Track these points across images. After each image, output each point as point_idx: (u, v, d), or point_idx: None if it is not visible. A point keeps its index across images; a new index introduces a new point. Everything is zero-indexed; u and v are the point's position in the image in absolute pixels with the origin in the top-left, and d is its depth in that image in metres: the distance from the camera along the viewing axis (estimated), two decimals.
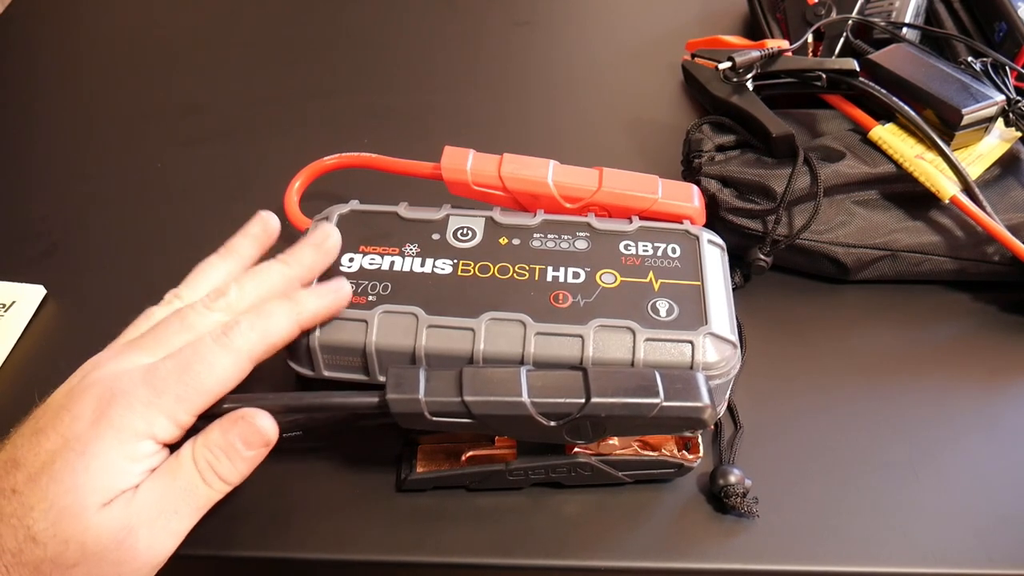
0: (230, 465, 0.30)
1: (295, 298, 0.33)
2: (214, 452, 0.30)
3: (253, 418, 0.30)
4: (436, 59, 0.64)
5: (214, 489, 0.30)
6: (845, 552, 0.35)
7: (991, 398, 0.41)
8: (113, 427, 0.28)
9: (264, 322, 0.32)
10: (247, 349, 0.31)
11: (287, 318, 0.32)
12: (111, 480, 0.28)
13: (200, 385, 0.30)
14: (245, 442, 0.30)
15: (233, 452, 0.30)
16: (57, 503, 0.27)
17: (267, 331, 0.31)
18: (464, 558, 0.35)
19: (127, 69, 0.64)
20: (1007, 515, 0.36)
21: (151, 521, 0.28)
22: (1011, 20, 0.51)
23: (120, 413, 0.28)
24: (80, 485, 0.27)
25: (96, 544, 0.27)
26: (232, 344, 0.30)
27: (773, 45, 0.49)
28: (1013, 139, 0.45)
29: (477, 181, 0.42)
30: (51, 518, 0.27)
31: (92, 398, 0.29)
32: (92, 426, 0.28)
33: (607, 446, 0.35)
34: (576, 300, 0.35)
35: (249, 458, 0.31)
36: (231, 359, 0.30)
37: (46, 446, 0.28)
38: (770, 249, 0.43)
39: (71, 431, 0.28)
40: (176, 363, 0.30)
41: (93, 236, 0.49)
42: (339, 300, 0.34)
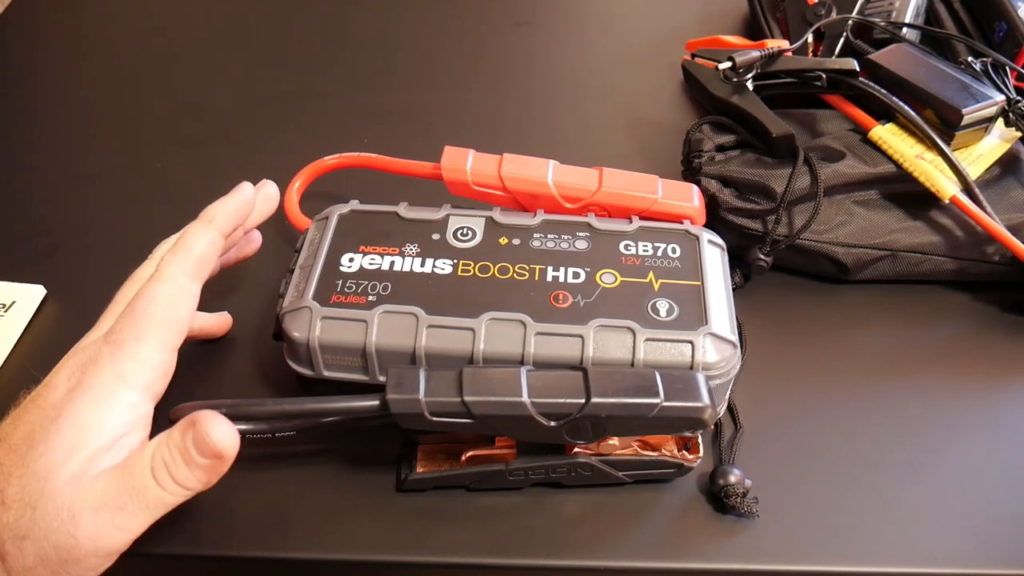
0: (186, 470, 0.29)
1: (202, 213, 0.34)
2: (172, 453, 0.29)
3: (204, 425, 0.29)
4: (436, 59, 0.64)
5: (167, 491, 0.29)
6: (845, 552, 0.35)
7: (991, 398, 0.41)
8: (86, 389, 0.29)
9: (182, 243, 0.33)
10: (176, 270, 0.32)
11: (201, 230, 0.34)
12: (85, 437, 0.28)
13: (149, 318, 0.30)
14: (198, 449, 0.29)
15: (188, 457, 0.29)
16: (32, 467, 0.28)
17: (188, 248, 0.33)
18: (464, 558, 0.35)
19: (127, 69, 0.64)
20: (1007, 515, 0.36)
21: (94, 510, 0.28)
22: (1011, 20, 0.51)
23: (90, 376, 0.29)
24: (53, 447, 0.28)
25: (43, 517, 0.27)
26: (162, 273, 0.32)
27: (773, 45, 0.49)
28: (1013, 139, 0.45)
29: (477, 181, 0.42)
30: (23, 481, 0.28)
31: (65, 370, 0.30)
32: (67, 394, 0.29)
33: (607, 446, 0.35)
34: (576, 300, 0.35)
35: (204, 466, 0.29)
36: (165, 284, 0.31)
37: (26, 418, 0.29)
38: (770, 249, 0.43)
39: (47, 401, 0.29)
40: (124, 313, 0.31)
41: (93, 236, 0.49)
42: (243, 196, 0.35)
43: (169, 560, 0.35)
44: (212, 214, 0.34)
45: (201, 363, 0.41)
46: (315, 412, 0.32)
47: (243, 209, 0.35)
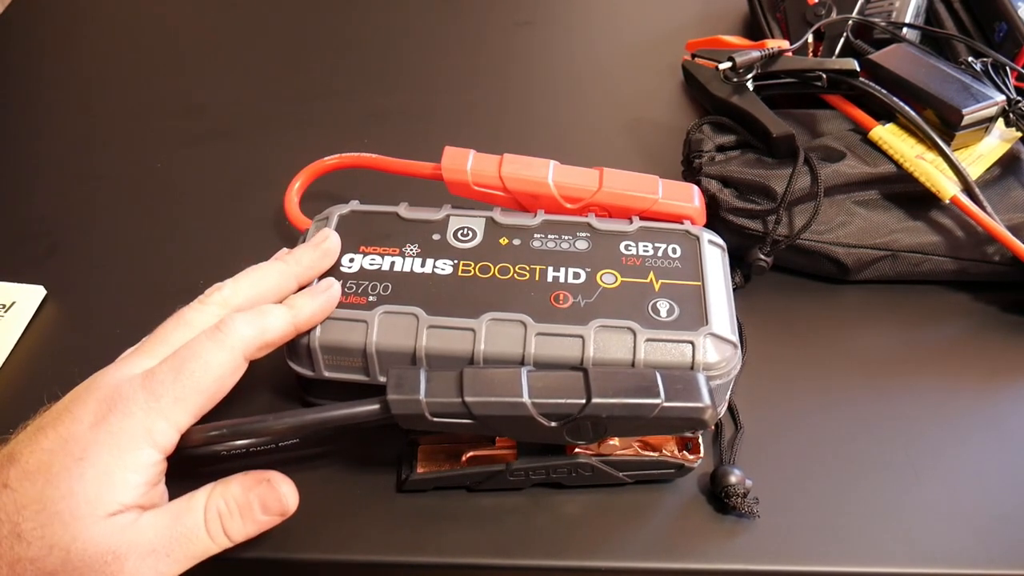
0: (241, 524, 0.30)
1: (291, 301, 0.33)
2: (230, 506, 0.30)
3: (278, 484, 0.30)
4: (437, 59, 0.64)
5: (215, 543, 0.30)
6: (845, 552, 0.35)
7: (991, 398, 0.41)
8: (112, 433, 0.28)
9: (260, 320, 0.32)
10: (241, 345, 0.31)
11: (283, 320, 0.32)
12: (108, 491, 0.27)
13: (196, 384, 0.29)
14: (263, 506, 0.30)
15: (248, 512, 0.30)
16: (49, 507, 0.27)
17: (264, 328, 0.31)
18: (464, 558, 0.35)
19: (127, 69, 0.64)
20: (1007, 515, 0.36)
21: (141, 555, 0.28)
22: (1011, 20, 0.51)
23: (119, 419, 0.28)
24: (75, 492, 0.27)
25: (80, 558, 0.27)
26: (226, 340, 0.30)
27: (773, 45, 0.49)
28: (1013, 139, 0.45)
29: (477, 181, 0.42)
30: (41, 520, 0.27)
31: (93, 402, 0.29)
32: (91, 429, 0.28)
33: (608, 446, 0.35)
34: (576, 300, 0.35)
35: (262, 522, 0.31)
36: (226, 355, 0.30)
37: (44, 445, 0.28)
38: (770, 249, 0.43)
39: (69, 432, 0.28)
40: (171, 364, 0.30)
41: (93, 236, 0.49)
42: (331, 299, 0.34)
43: None
44: (299, 309, 0.33)
45: None
46: (316, 423, 0.32)
47: (327, 312, 0.34)
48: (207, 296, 0.33)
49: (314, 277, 0.36)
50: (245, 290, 0.33)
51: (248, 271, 0.34)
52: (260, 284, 0.34)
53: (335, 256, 0.36)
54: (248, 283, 0.33)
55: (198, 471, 0.32)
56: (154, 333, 0.32)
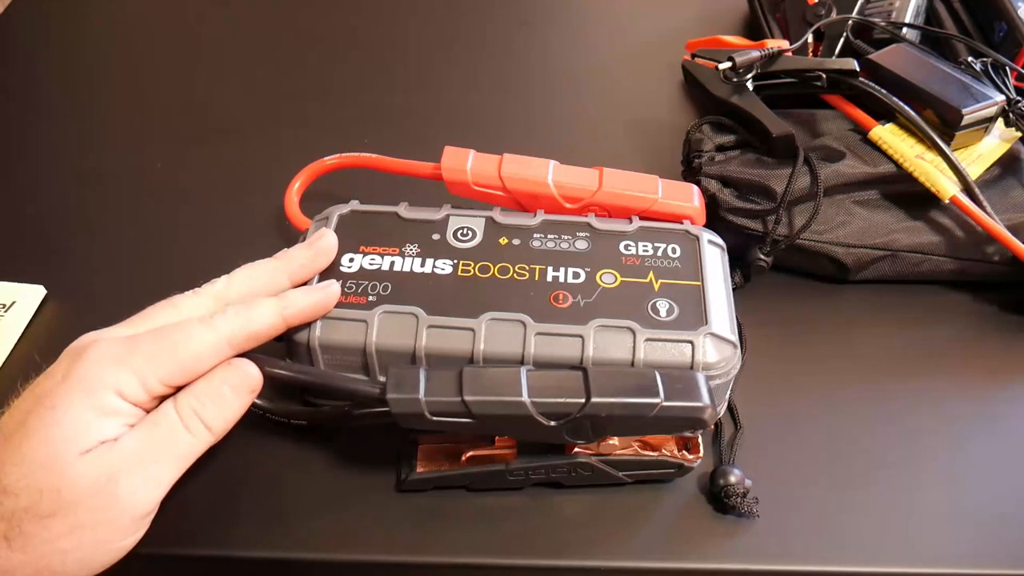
0: (215, 411, 0.30)
1: (283, 295, 0.34)
2: (200, 399, 0.30)
3: (238, 363, 0.31)
4: (437, 59, 0.64)
5: (197, 438, 0.30)
6: (845, 552, 0.35)
7: (991, 398, 0.41)
8: (80, 380, 0.29)
9: (248, 311, 0.32)
10: (227, 332, 0.31)
11: (272, 311, 0.33)
12: (82, 430, 0.28)
13: (173, 349, 0.30)
14: (232, 387, 0.31)
15: (219, 397, 0.30)
16: (29, 456, 0.28)
17: (250, 319, 0.32)
18: (464, 558, 0.35)
19: (127, 69, 0.64)
20: (1007, 515, 0.36)
21: (131, 468, 0.28)
22: (1011, 20, 0.51)
23: (87, 367, 0.29)
24: (52, 437, 0.28)
25: (72, 491, 0.27)
26: (214, 324, 0.31)
27: (773, 45, 0.49)
28: (1013, 139, 0.45)
29: (477, 181, 0.42)
30: (23, 471, 0.27)
31: (65, 358, 0.30)
32: (62, 382, 0.29)
33: (607, 446, 0.35)
34: (576, 300, 0.35)
35: (234, 405, 0.31)
36: (210, 334, 0.31)
37: (21, 406, 0.29)
38: (770, 249, 0.43)
39: (42, 388, 0.29)
40: (156, 330, 0.30)
41: (93, 236, 0.49)
42: (327, 298, 0.34)
43: (169, 560, 0.35)
44: (290, 302, 0.33)
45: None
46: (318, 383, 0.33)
47: (321, 313, 0.34)
48: (202, 288, 0.33)
49: (309, 276, 0.36)
50: (239, 285, 0.34)
51: (243, 267, 0.35)
52: (254, 280, 0.34)
53: (331, 255, 0.37)
54: (241, 278, 0.34)
55: None
56: (142, 312, 0.32)
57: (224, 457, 0.37)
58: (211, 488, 0.36)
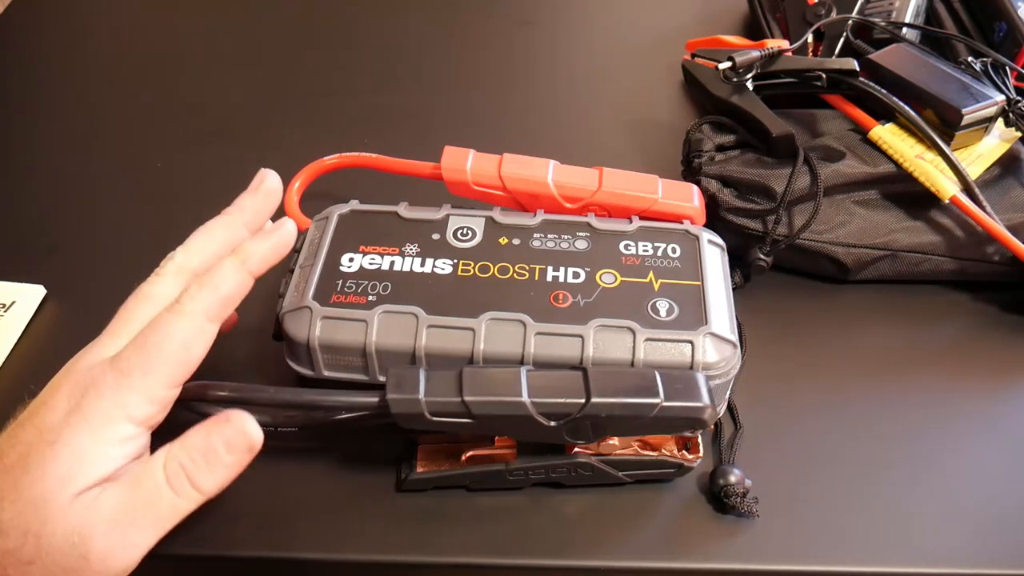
0: (207, 472, 0.29)
1: (239, 249, 0.32)
2: (192, 456, 0.29)
3: (238, 420, 0.29)
4: (437, 59, 0.64)
5: (182, 497, 0.29)
6: (845, 552, 0.35)
7: (991, 398, 0.41)
8: (84, 416, 0.28)
9: (212, 279, 0.31)
10: (200, 309, 0.30)
11: (234, 270, 0.32)
12: (82, 468, 0.27)
13: (160, 354, 0.29)
14: (228, 445, 0.29)
15: (213, 456, 0.29)
16: (24, 493, 0.27)
17: (216, 287, 0.31)
18: (464, 558, 0.35)
19: (127, 69, 0.64)
20: (1007, 515, 0.36)
21: (105, 530, 0.27)
22: (1011, 20, 0.51)
23: (90, 402, 0.28)
24: (48, 474, 0.27)
25: (50, 543, 0.27)
26: (184, 308, 0.30)
27: (773, 45, 0.49)
28: (1013, 139, 0.45)
29: (477, 181, 0.42)
30: (17, 508, 0.27)
31: (66, 390, 0.29)
32: (65, 417, 0.28)
33: (607, 446, 0.35)
34: (576, 300, 0.35)
35: (229, 464, 0.29)
36: (186, 321, 0.30)
37: (23, 438, 0.28)
38: (770, 249, 0.43)
39: (45, 423, 0.28)
40: (136, 342, 0.30)
41: (93, 236, 0.49)
42: (283, 238, 0.33)
43: (169, 560, 0.35)
44: (248, 254, 0.32)
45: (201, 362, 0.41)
46: (315, 404, 0.32)
47: (281, 253, 0.33)
48: (162, 267, 0.33)
49: (263, 221, 0.35)
50: (197, 251, 0.33)
51: (195, 232, 0.34)
52: (210, 242, 0.33)
53: (278, 194, 0.35)
54: (198, 244, 0.33)
55: None
56: (118, 313, 0.32)
57: None
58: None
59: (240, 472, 0.30)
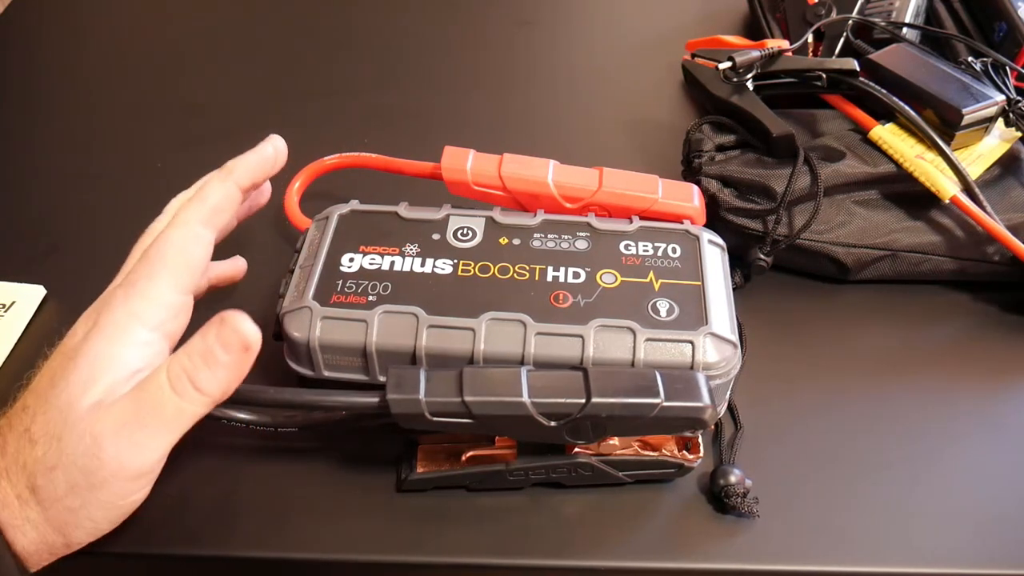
0: (208, 372, 0.29)
1: (224, 165, 0.35)
2: (192, 358, 0.29)
3: (232, 318, 0.29)
4: (437, 59, 0.64)
5: (185, 400, 0.29)
6: (845, 552, 0.35)
7: (991, 398, 0.41)
8: (100, 329, 0.30)
9: (199, 193, 0.34)
10: (192, 216, 0.33)
11: (220, 180, 0.34)
12: (100, 371, 0.29)
13: (161, 259, 0.31)
14: (224, 345, 0.29)
15: (211, 357, 0.29)
16: (51, 402, 0.29)
17: (203, 197, 0.33)
18: (464, 558, 0.35)
19: (127, 69, 0.64)
20: (1007, 515, 0.36)
21: (115, 432, 0.28)
22: (1011, 20, 0.51)
23: (104, 317, 0.30)
24: (71, 383, 0.29)
25: (68, 446, 0.28)
26: (176, 219, 0.33)
27: (773, 45, 0.49)
28: (1013, 139, 0.45)
29: (477, 181, 0.42)
30: (46, 417, 0.28)
31: (83, 318, 0.31)
32: (84, 337, 0.30)
33: (607, 446, 0.35)
34: (576, 300, 0.35)
35: (227, 363, 0.29)
36: (179, 230, 0.32)
37: (48, 365, 0.30)
38: (770, 249, 0.43)
39: (67, 346, 0.30)
40: (140, 258, 0.32)
41: (93, 236, 0.49)
42: (262, 151, 0.36)
43: (169, 560, 0.35)
44: (232, 167, 0.35)
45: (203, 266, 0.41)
46: (315, 404, 0.32)
47: (264, 165, 0.36)
48: (167, 208, 0.36)
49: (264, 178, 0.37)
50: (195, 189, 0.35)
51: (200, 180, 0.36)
52: None
53: (283, 156, 0.37)
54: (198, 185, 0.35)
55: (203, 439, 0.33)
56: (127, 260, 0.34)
57: (224, 457, 0.37)
58: (211, 488, 0.36)
59: (244, 372, 0.30)
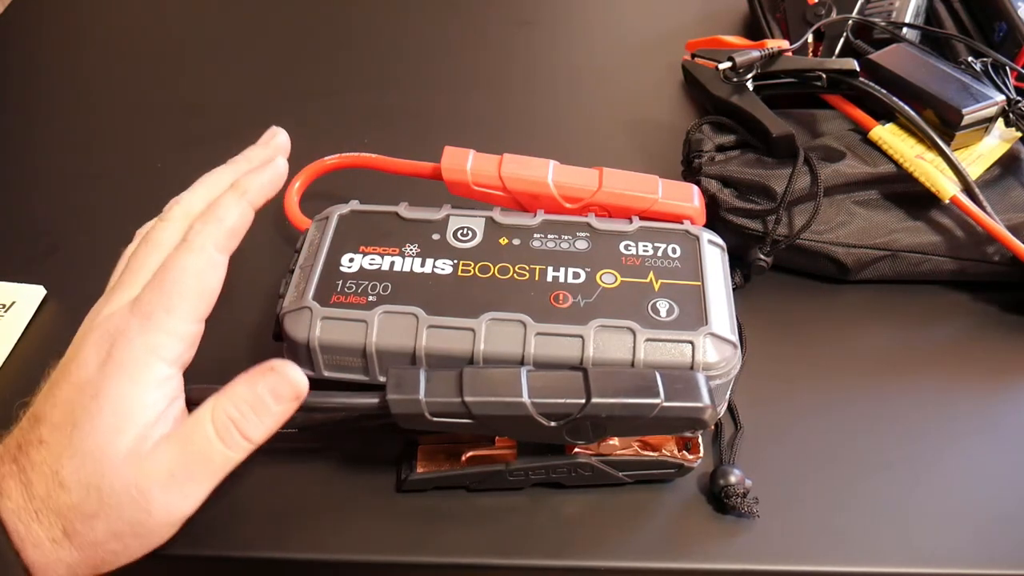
0: (256, 421, 0.29)
1: (237, 183, 0.33)
2: (239, 408, 0.29)
3: (284, 368, 0.30)
4: (437, 59, 0.64)
5: (233, 449, 0.29)
6: (845, 552, 0.35)
7: (991, 398, 0.41)
8: (118, 365, 0.29)
9: (214, 213, 0.32)
10: (209, 242, 0.31)
11: (234, 201, 0.32)
12: (128, 417, 0.28)
13: (179, 290, 0.30)
14: (276, 395, 0.30)
15: (261, 407, 0.29)
16: (81, 448, 0.28)
17: (220, 219, 0.32)
18: (464, 558, 0.35)
19: (127, 69, 0.64)
20: (1007, 515, 0.36)
21: (163, 485, 0.28)
22: (1011, 20, 0.51)
23: (121, 351, 0.29)
24: (97, 427, 0.28)
25: (110, 495, 0.28)
26: (192, 243, 0.31)
27: (773, 45, 0.49)
28: (1013, 139, 0.45)
29: (477, 181, 0.42)
30: (76, 463, 0.28)
31: (92, 344, 0.29)
32: (99, 369, 0.29)
33: (607, 446, 0.35)
34: (576, 300, 0.35)
35: (277, 413, 0.30)
36: (196, 256, 0.31)
37: (61, 396, 0.29)
38: (770, 249, 0.43)
39: (80, 377, 0.29)
40: (152, 285, 0.30)
41: (93, 236, 0.49)
42: (277, 170, 0.34)
43: (169, 560, 0.35)
44: (247, 186, 0.33)
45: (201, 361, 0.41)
46: (315, 406, 0.32)
47: (276, 183, 0.34)
48: (167, 212, 0.33)
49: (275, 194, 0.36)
50: (201, 196, 0.34)
51: (201, 179, 0.35)
52: (215, 187, 0.34)
53: (286, 151, 0.36)
54: (204, 189, 0.34)
55: None
56: (129, 263, 0.32)
57: None
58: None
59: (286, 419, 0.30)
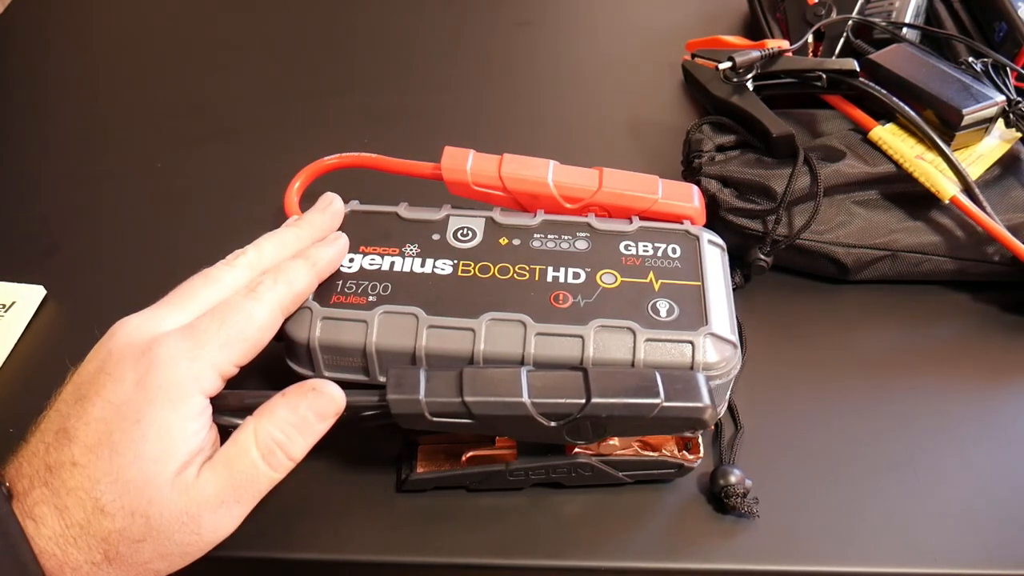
0: (301, 441, 0.30)
1: (306, 253, 0.35)
2: (285, 431, 0.30)
3: (324, 387, 0.30)
4: (437, 59, 0.64)
5: (279, 471, 0.30)
6: (845, 552, 0.35)
7: (991, 398, 0.41)
8: (162, 388, 0.28)
9: (285, 275, 0.33)
10: (276, 299, 0.32)
11: (305, 270, 0.34)
12: (173, 446, 0.28)
13: (240, 333, 0.30)
14: (318, 415, 0.30)
15: (305, 427, 0.30)
16: (123, 475, 0.27)
17: (290, 283, 0.33)
18: (464, 558, 0.35)
19: (127, 69, 0.64)
20: (1007, 515, 0.36)
21: (212, 510, 0.29)
22: (1011, 20, 0.51)
23: (164, 373, 0.28)
24: (142, 455, 0.28)
25: (159, 522, 0.28)
26: (262, 296, 0.32)
27: (773, 45, 0.49)
28: (1013, 139, 0.45)
29: (477, 181, 0.42)
30: (118, 490, 0.27)
31: (130, 359, 0.29)
32: (137, 389, 0.28)
33: (607, 446, 0.35)
34: (576, 300, 0.35)
35: (320, 431, 0.31)
36: (264, 308, 0.32)
37: (95, 414, 0.28)
38: (770, 249, 0.43)
39: (116, 396, 0.28)
40: (213, 316, 0.30)
41: (93, 236, 0.49)
42: (342, 248, 0.37)
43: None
44: (317, 258, 0.35)
45: None
46: None
47: (340, 259, 0.37)
48: (234, 259, 0.34)
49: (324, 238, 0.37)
50: (268, 254, 0.35)
51: (267, 236, 0.35)
52: (281, 248, 0.35)
53: (341, 217, 0.38)
54: (270, 247, 0.35)
55: None
56: (180, 288, 0.32)
57: None
58: None
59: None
